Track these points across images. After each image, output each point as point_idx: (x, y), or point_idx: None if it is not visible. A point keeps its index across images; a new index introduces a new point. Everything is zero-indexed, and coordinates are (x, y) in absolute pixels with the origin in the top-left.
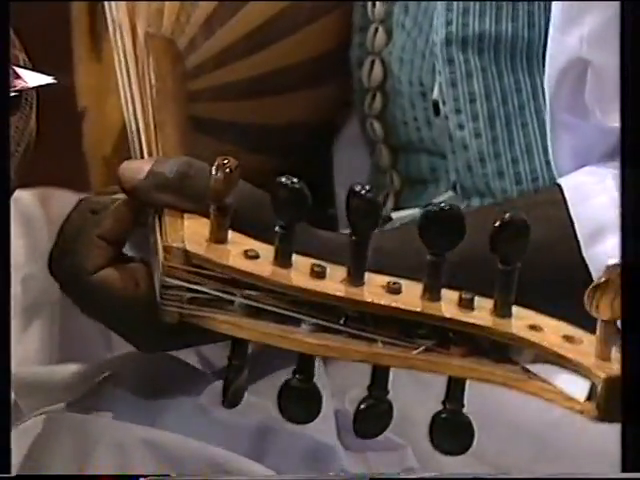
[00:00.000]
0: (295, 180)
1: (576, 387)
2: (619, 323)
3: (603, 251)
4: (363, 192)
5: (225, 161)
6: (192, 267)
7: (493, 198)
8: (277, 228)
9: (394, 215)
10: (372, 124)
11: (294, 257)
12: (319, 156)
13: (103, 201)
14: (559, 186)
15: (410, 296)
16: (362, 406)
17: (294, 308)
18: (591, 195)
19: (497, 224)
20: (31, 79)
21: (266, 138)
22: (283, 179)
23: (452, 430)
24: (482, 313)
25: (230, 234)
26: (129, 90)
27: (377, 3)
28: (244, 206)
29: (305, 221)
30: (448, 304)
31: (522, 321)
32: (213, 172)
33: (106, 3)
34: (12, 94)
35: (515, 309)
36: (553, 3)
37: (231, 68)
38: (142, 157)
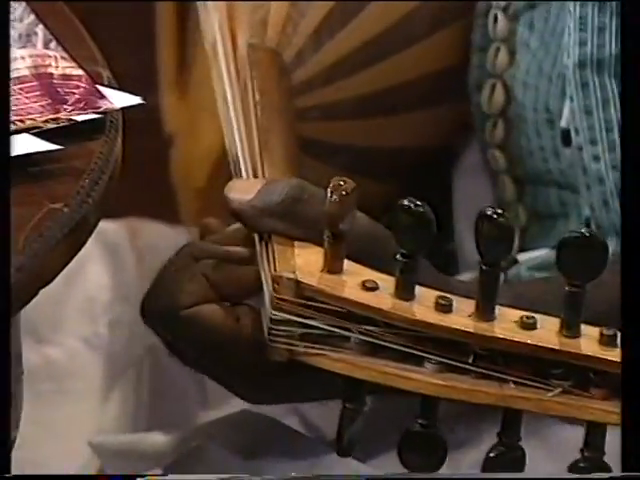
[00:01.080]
0: (419, 203)
1: None
2: None
3: None
4: (495, 216)
5: (341, 183)
6: (304, 300)
7: None
8: (398, 257)
9: (521, 257)
10: (494, 153)
11: (417, 289)
12: (436, 184)
13: (207, 249)
14: None
15: (546, 332)
16: (492, 454)
17: (417, 345)
18: None
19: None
20: (117, 99)
21: (377, 162)
22: (405, 202)
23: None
24: None
25: (346, 263)
26: (229, 108)
27: (499, 20)
28: (358, 233)
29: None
30: (588, 341)
31: None
32: (328, 195)
33: (201, 11)
34: (96, 116)
35: None
36: None
37: (341, 84)
38: None
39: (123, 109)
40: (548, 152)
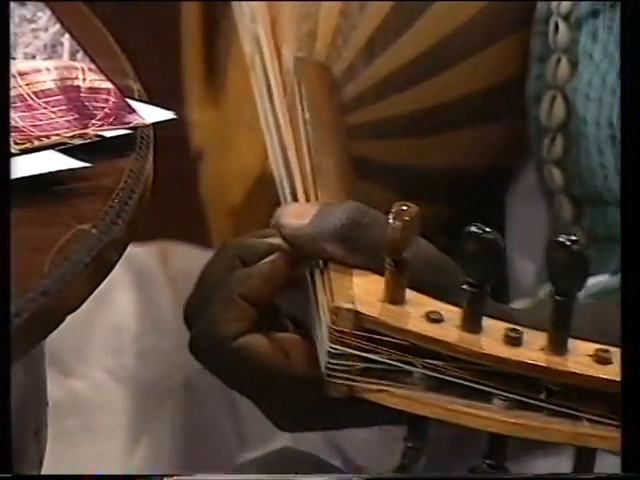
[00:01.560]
0: (488, 230)
1: None
2: None
3: None
4: (569, 243)
5: (404, 208)
6: (364, 332)
7: None
8: (465, 286)
9: None
10: (551, 171)
11: (484, 320)
12: (489, 206)
13: (253, 247)
14: None
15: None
16: None
17: (485, 380)
18: None
19: None
20: (148, 114)
21: (429, 183)
22: (474, 229)
23: None
24: None
25: (408, 293)
26: (274, 126)
27: (560, 28)
28: (421, 261)
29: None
30: None
31: None
32: (390, 220)
33: (238, 19)
34: (126, 131)
35: None
36: None
37: (393, 100)
38: None
39: (154, 124)
40: (610, 170)
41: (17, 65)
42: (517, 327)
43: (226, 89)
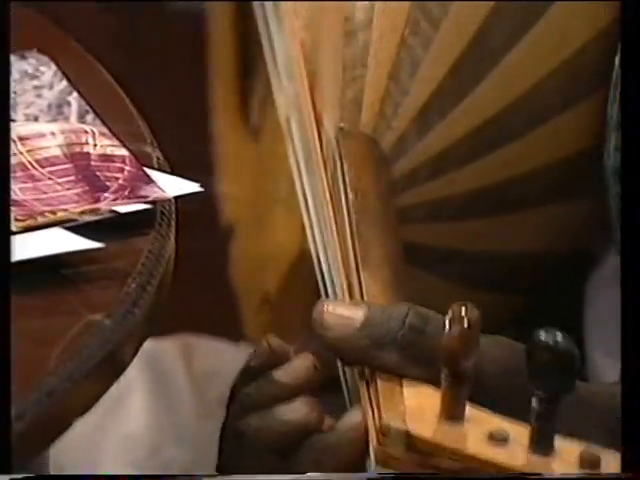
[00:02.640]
0: (560, 338)
1: None
2: None
3: None
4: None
5: (463, 311)
6: (417, 454)
7: None
8: (534, 401)
9: None
10: None
11: (557, 441)
12: (565, 295)
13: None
14: None
15: None
16: None
17: None
18: None
19: None
20: (170, 186)
21: (493, 270)
22: (543, 337)
23: None
24: None
25: (468, 409)
26: (314, 205)
27: None
28: (483, 372)
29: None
30: None
31: None
32: (446, 327)
33: (274, 80)
34: (144, 206)
35: None
36: None
37: (451, 177)
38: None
39: (176, 198)
40: None
41: (17, 128)
42: (593, 451)
43: (261, 158)
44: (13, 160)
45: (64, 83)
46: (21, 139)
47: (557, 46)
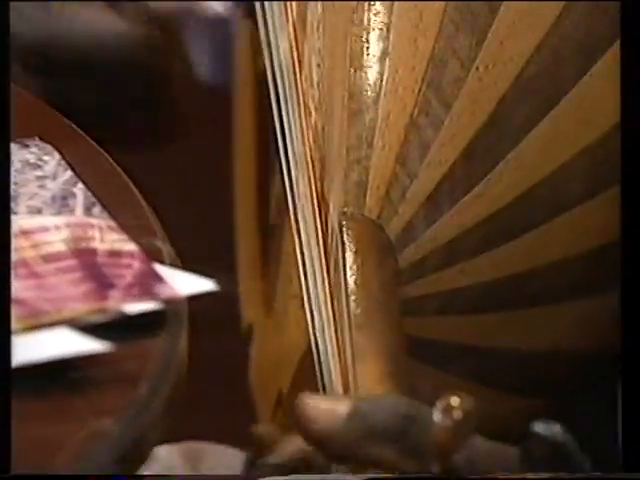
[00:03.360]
0: (556, 430)
1: None
2: None
3: None
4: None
5: (453, 402)
6: None
7: None
8: None
9: None
10: None
11: None
12: (592, 398)
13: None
14: None
15: None
16: None
17: None
18: None
19: None
20: (182, 284)
21: (511, 370)
22: (538, 428)
23: None
24: None
25: None
26: (315, 297)
27: None
28: (477, 466)
29: None
30: None
31: None
32: (435, 417)
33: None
34: (154, 306)
35: None
36: None
37: (462, 267)
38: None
39: (189, 297)
40: None
41: (19, 222)
42: None
43: (279, 251)
44: (15, 256)
45: (69, 173)
46: (24, 233)
47: (581, 129)
